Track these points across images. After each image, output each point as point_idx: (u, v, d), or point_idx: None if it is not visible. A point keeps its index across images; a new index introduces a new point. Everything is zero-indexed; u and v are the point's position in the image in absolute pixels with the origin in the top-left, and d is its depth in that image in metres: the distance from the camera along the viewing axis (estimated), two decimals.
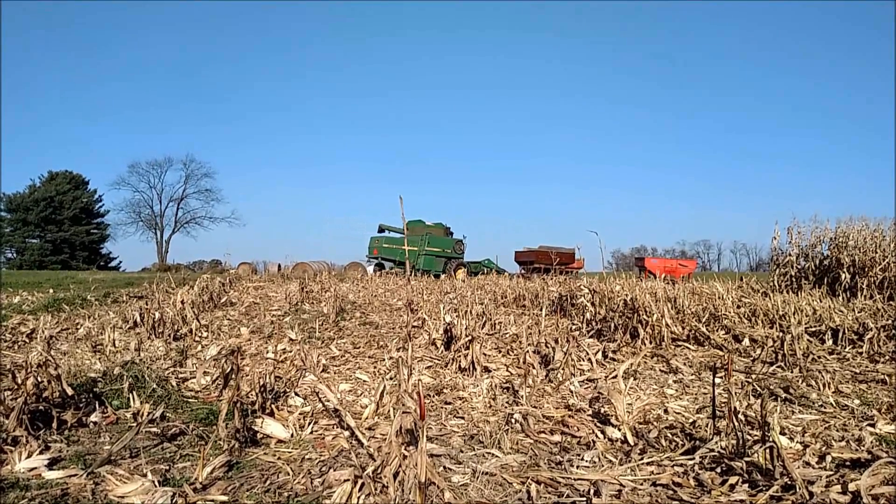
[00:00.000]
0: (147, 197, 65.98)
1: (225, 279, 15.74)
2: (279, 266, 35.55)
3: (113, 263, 65.89)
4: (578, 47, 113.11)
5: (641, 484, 2.76)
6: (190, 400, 4.22)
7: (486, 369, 5.14)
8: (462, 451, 3.24)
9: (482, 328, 6.66)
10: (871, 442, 3.24)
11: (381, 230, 34.78)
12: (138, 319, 7.20)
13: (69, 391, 3.67)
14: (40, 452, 3.01)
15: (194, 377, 4.77)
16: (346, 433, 3.44)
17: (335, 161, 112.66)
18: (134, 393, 4.05)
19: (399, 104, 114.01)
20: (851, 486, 2.53)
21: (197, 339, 6.73)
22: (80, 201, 62.84)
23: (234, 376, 3.34)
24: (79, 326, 7.35)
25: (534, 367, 4.88)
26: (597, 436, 3.48)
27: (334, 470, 2.88)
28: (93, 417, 3.66)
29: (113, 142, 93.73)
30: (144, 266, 54.35)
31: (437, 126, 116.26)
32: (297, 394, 4.26)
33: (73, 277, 19.80)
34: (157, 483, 2.62)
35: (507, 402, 4.21)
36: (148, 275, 25.54)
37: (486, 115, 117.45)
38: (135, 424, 3.41)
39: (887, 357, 5.85)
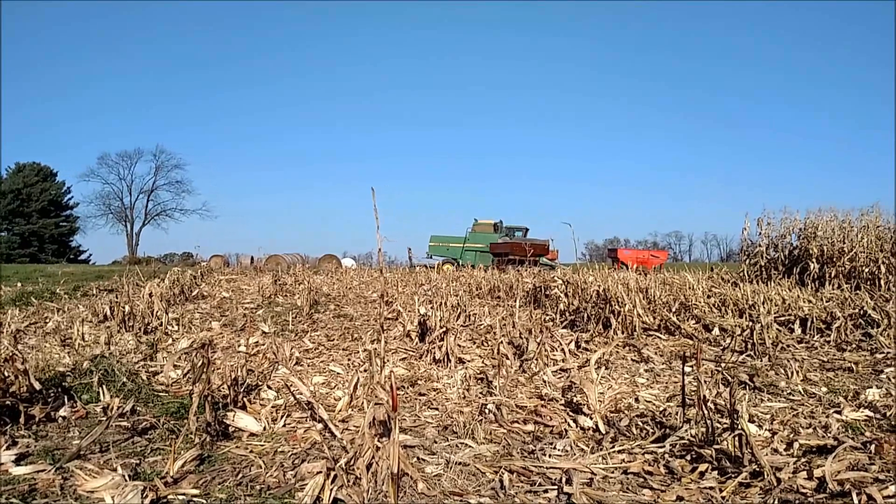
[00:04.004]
0: (117, 189, 65.23)
1: (196, 272, 15.58)
2: (252, 259, 35.27)
3: (83, 256, 65.01)
4: (547, 40, 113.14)
5: (612, 472, 2.79)
6: (161, 394, 4.18)
7: (461, 360, 5.15)
8: (436, 442, 3.25)
9: (457, 320, 6.67)
10: (837, 428, 3.31)
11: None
12: (108, 313, 7.10)
13: (37, 386, 3.61)
14: (7, 448, 2.96)
15: (165, 371, 4.72)
16: (320, 426, 3.43)
17: (310, 155, 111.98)
18: (104, 387, 3.99)
19: (374, 98, 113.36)
20: (817, 472, 2.59)
21: (167, 332, 6.65)
22: (48, 193, 61.85)
23: (204, 370, 3.30)
24: (47, 320, 7.24)
25: (507, 358, 4.90)
26: (569, 424, 3.51)
27: (307, 462, 2.87)
28: (62, 412, 3.60)
29: (82, 133, 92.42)
30: (115, 259, 53.79)
31: (409, 121, 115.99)
32: (269, 387, 4.24)
33: (41, 271, 19.49)
34: (127, 477, 2.59)
35: (480, 393, 4.23)
36: (118, 268, 25.22)
37: (458, 110, 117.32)
38: (105, 419, 3.37)
39: (854, 345, 5.96)
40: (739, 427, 2.76)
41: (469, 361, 5.15)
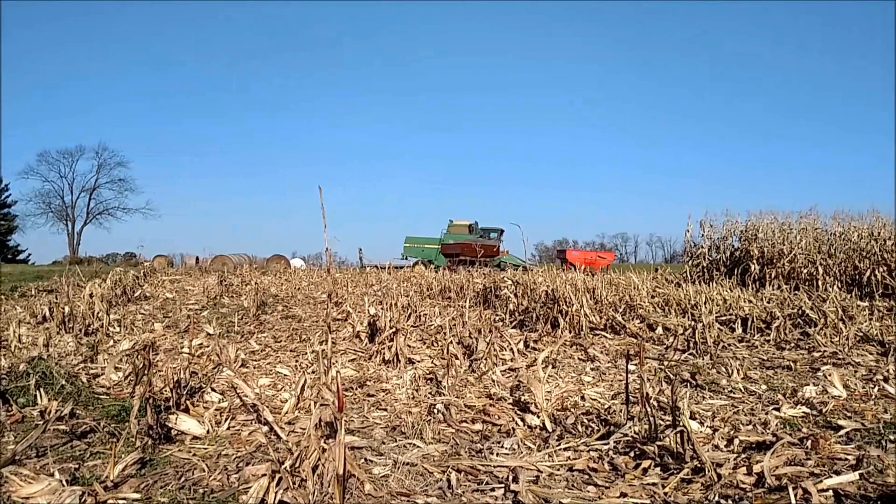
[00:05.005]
0: (57, 187, 62.98)
1: (139, 272, 15.23)
2: (197, 259, 34.64)
3: (21, 256, 62.69)
4: (487, 37, 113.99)
5: (558, 469, 2.83)
6: (101, 396, 4.07)
7: (411, 361, 5.15)
8: (384, 443, 3.24)
9: (407, 320, 6.66)
10: (776, 425, 3.42)
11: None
12: (47, 314, 6.91)
13: None
14: None
15: (105, 373, 4.60)
16: (265, 428, 3.39)
17: (259, 153, 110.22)
18: (41, 390, 3.87)
19: (333, 98, 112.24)
20: (756, 468, 2.66)
21: (108, 334, 6.48)
22: None
23: (146, 372, 3.23)
24: None
25: (457, 358, 4.92)
26: (517, 423, 3.54)
27: (251, 465, 2.84)
28: None
29: (20, 129, 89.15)
30: (55, 259, 52.08)
31: (369, 122, 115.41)
32: (213, 389, 4.16)
33: None
34: (65, 482, 2.52)
35: (430, 393, 4.23)
36: (58, 268, 24.44)
37: (408, 110, 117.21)
38: (42, 422, 3.26)
39: (792, 344, 6.15)
40: (681, 424, 2.82)
41: (419, 362, 5.15)
